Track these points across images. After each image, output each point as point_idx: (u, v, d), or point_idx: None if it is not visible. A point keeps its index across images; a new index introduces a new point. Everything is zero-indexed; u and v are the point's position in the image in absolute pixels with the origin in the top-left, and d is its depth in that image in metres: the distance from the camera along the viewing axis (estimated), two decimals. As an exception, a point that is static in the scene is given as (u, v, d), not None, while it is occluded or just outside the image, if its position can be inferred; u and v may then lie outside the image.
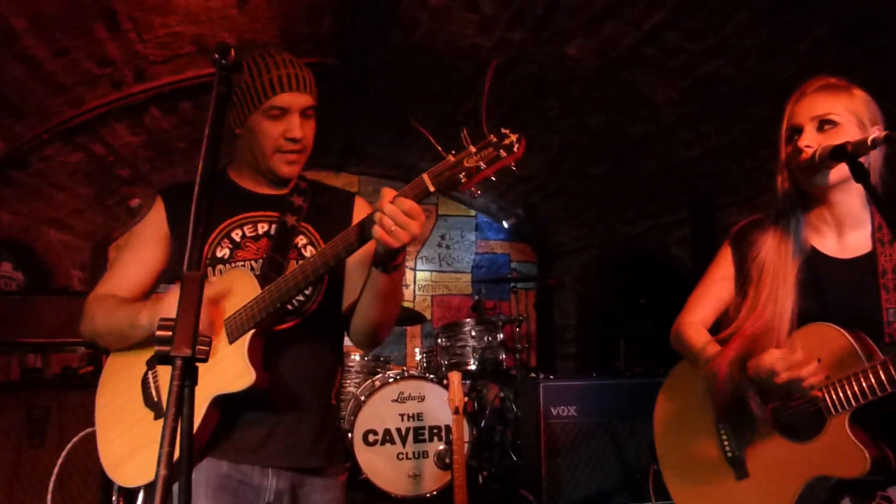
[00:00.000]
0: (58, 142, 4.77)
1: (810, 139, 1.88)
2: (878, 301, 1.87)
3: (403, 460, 4.89)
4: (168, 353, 1.08)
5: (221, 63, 1.36)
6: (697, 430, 2.16)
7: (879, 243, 1.93)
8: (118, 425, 1.88)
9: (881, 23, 3.05)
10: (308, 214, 2.05)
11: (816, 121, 1.89)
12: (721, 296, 2.17)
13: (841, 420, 1.79)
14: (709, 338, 2.10)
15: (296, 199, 2.07)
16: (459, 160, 1.59)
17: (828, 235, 2.01)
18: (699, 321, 2.17)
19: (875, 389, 1.73)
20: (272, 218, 2.02)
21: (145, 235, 2.03)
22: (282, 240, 1.97)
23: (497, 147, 1.58)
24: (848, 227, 1.98)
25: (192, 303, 1.11)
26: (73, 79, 4.20)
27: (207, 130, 1.28)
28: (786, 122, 1.97)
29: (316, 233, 2.05)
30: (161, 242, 2.00)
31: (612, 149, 5.34)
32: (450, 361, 5.60)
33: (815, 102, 1.92)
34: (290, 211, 2.04)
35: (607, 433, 4.42)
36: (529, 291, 7.95)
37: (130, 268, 2.02)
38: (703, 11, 3.45)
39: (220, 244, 1.96)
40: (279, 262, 1.92)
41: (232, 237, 1.98)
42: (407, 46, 4.59)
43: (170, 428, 1.01)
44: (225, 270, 1.93)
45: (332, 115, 5.95)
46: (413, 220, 1.63)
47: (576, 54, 4.23)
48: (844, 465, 1.78)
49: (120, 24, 3.79)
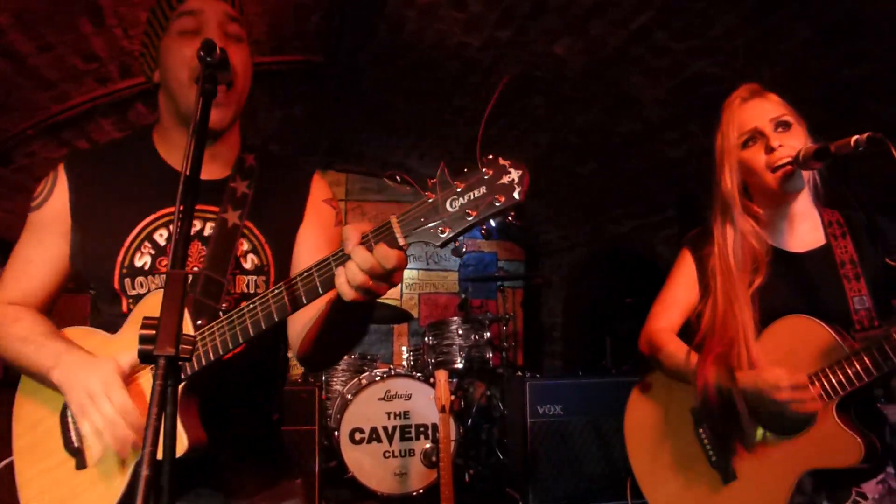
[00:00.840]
0: (43, 137, 4.73)
1: (779, 139, 1.91)
2: (842, 291, 1.92)
3: (390, 458, 4.89)
4: (151, 351, 1.07)
5: (207, 60, 1.33)
6: (676, 437, 2.14)
7: (832, 237, 2.00)
8: (36, 464, 1.57)
9: (863, 25, 3.07)
10: (253, 207, 1.65)
11: (773, 122, 1.95)
12: (688, 299, 2.17)
13: (829, 410, 1.81)
14: (687, 348, 2.09)
15: (238, 183, 1.65)
16: (440, 203, 1.20)
17: (781, 230, 2.05)
18: (668, 328, 2.17)
19: (861, 375, 1.76)
20: (207, 214, 1.61)
21: (48, 225, 1.63)
22: (221, 249, 1.58)
23: (491, 187, 1.17)
24: (798, 222, 2.04)
25: (176, 301, 1.11)
26: (59, 74, 4.17)
27: (192, 127, 1.27)
28: (736, 128, 1.99)
29: (261, 235, 1.65)
30: (65, 231, 1.62)
31: (600, 148, 5.35)
32: (436, 360, 5.60)
33: (764, 106, 1.99)
34: (231, 202, 1.62)
35: (593, 432, 4.44)
36: (516, 290, 7.97)
37: (35, 267, 1.65)
38: (689, 12, 3.46)
39: (139, 249, 1.57)
40: (218, 284, 1.55)
41: (154, 239, 1.59)
42: (394, 44, 4.59)
43: (152, 428, 1.01)
44: (147, 284, 1.56)
45: (320, 112, 5.94)
46: (396, 275, 1.26)
47: (563, 53, 4.24)
48: (839, 455, 1.79)
49: (105, 20, 3.76)
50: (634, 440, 2.28)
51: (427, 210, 1.21)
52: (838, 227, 2.02)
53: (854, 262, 1.95)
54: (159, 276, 1.56)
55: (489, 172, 1.18)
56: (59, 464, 1.53)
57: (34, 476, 1.56)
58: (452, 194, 1.19)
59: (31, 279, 1.64)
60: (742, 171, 2.00)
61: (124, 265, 1.57)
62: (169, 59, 1.55)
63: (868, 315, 1.88)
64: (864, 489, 1.89)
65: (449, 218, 1.19)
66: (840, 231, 2.01)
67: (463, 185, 1.19)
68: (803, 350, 1.86)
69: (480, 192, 1.17)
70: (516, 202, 1.16)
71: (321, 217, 1.74)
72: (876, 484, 1.90)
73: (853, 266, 1.94)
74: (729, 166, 1.99)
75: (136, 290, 1.57)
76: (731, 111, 2.02)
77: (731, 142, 1.99)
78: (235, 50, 1.55)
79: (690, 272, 2.16)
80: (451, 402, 3.79)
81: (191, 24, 1.54)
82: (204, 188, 1.48)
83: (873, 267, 1.95)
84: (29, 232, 1.66)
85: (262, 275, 1.64)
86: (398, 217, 1.23)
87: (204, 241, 1.60)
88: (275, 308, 1.34)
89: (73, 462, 1.52)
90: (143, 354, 1.08)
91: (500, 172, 1.17)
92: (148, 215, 1.59)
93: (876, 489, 1.90)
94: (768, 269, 1.97)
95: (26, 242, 1.66)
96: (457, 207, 1.18)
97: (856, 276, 1.92)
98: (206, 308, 1.50)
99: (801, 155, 1.85)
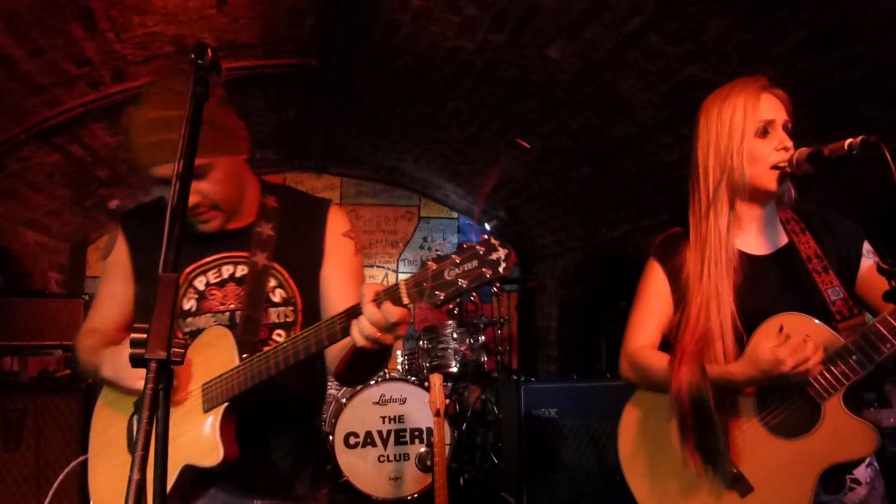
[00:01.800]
0: (35, 142, 4.71)
1: (786, 141, 1.90)
2: (815, 285, 1.91)
3: (384, 463, 4.88)
4: (142, 355, 1.07)
5: (198, 63, 1.34)
6: (675, 460, 1.97)
7: (793, 234, 2.00)
8: (105, 461, 1.85)
9: (856, 28, 3.08)
10: (277, 248, 1.90)
11: (783, 122, 1.92)
12: (661, 312, 2.09)
13: (835, 402, 1.78)
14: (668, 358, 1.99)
15: (263, 227, 1.91)
16: (440, 271, 1.43)
17: (751, 234, 2.03)
18: (648, 345, 2.09)
19: (864, 363, 1.74)
20: (238, 259, 1.89)
21: (114, 270, 1.96)
22: (254, 289, 1.85)
23: (482, 261, 1.41)
24: (766, 225, 2.02)
25: (168, 305, 1.10)
26: (50, 79, 4.16)
27: (185, 132, 1.27)
28: (757, 112, 1.91)
29: (285, 272, 1.91)
30: (129, 277, 1.93)
31: (593, 152, 5.36)
32: (431, 364, 5.60)
33: (780, 104, 1.95)
34: (258, 246, 1.89)
35: (588, 435, 4.44)
36: (511, 294, 7.97)
37: (106, 304, 1.97)
38: (682, 16, 3.47)
39: (185, 296, 1.86)
40: (255, 321, 1.82)
41: (195, 286, 1.87)
42: (388, 48, 4.59)
43: (143, 432, 1.00)
44: (195, 322, 1.85)
45: (314, 116, 5.93)
46: (400, 328, 1.49)
47: (557, 57, 4.25)
48: (855, 446, 1.76)
49: (97, 24, 3.76)
50: (634, 465, 2.12)
51: (428, 276, 1.44)
52: (796, 223, 2.01)
53: (819, 256, 1.94)
54: (203, 315, 1.84)
55: (481, 249, 1.42)
56: (123, 463, 1.79)
57: (102, 473, 1.83)
58: (450, 265, 1.43)
59: (102, 316, 1.97)
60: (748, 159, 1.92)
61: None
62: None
63: (845, 304, 1.88)
64: (856, 475, 1.88)
65: (445, 283, 1.42)
66: (799, 227, 2.00)
67: (459, 259, 1.43)
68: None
69: (472, 265, 1.41)
70: (500, 276, 1.41)
71: (341, 252, 1.96)
72: (865, 468, 1.90)
73: (819, 259, 1.93)
74: (745, 150, 1.90)
75: (186, 328, 1.86)
76: (752, 93, 1.92)
77: (750, 125, 1.90)
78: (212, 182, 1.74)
79: (662, 283, 2.08)
80: (445, 405, 3.79)
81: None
82: (232, 236, 1.86)
83: (836, 258, 1.95)
84: (104, 277, 2.01)
85: (289, 305, 1.89)
86: (405, 280, 1.46)
87: (237, 282, 1.86)
88: (303, 348, 1.59)
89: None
90: (134, 358, 1.08)
91: (490, 250, 1.41)
92: (189, 265, 1.86)
93: (866, 473, 1.89)
94: (738, 274, 1.93)
95: (102, 283, 2.00)
96: (452, 276, 1.42)
97: (824, 269, 1.92)
98: (247, 342, 1.76)
99: (795, 159, 1.85)
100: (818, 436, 1.81)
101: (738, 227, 2.00)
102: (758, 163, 1.91)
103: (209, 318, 1.84)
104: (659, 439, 2.07)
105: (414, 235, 7.98)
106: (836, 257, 1.96)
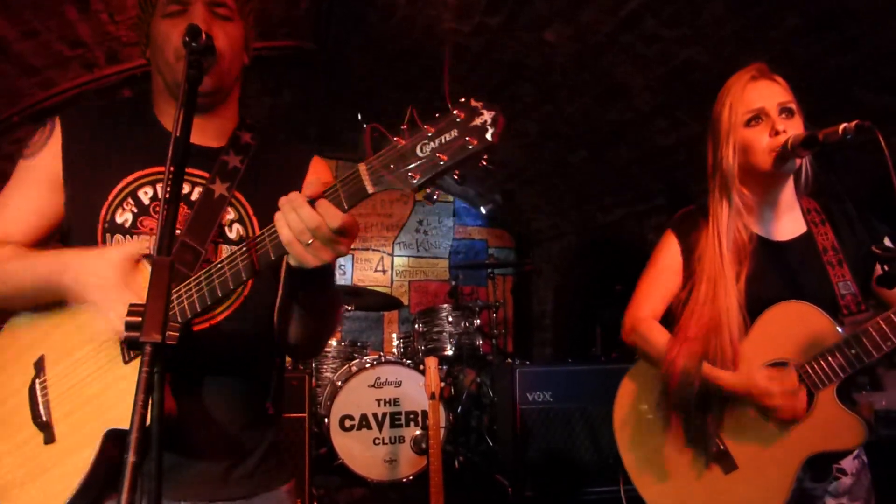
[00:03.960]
0: (28, 124, 4.68)
1: (783, 124, 1.91)
2: (827, 277, 1.94)
3: (380, 445, 4.90)
4: (137, 338, 1.07)
5: (192, 46, 1.33)
6: (667, 429, 2.07)
7: (812, 224, 2.02)
8: (4, 441, 1.52)
9: (852, 13, 3.08)
10: (244, 179, 1.62)
11: (779, 107, 1.94)
12: (669, 286, 2.13)
13: (829, 393, 1.82)
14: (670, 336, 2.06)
15: (231, 157, 1.63)
16: (411, 147, 1.17)
17: (767, 219, 2.05)
18: (651, 315, 2.14)
19: (862, 357, 1.77)
20: (197, 179, 1.59)
21: (36, 173, 1.59)
22: (203, 216, 1.54)
23: (463, 129, 1.14)
24: (783, 210, 2.04)
25: (162, 288, 1.10)
26: (44, 60, 4.13)
27: (178, 115, 1.26)
28: (743, 105, 1.96)
29: (249, 206, 1.62)
30: (56, 182, 1.57)
31: (590, 136, 5.35)
32: (427, 347, 5.61)
33: (773, 88, 1.97)
34: (220, 174, 1.59)
35: (582, 419, 4.46)
36: (507, 277, 7.99)
37: (10, 212, 1.57)
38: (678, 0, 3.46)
39: (121, 205, 1.53)
40: (194, 252, 1.50)
41: (138, 197, 1.55)
42: (384, 31, 4.56)
43: (139, 415, 1.01)
44: (124, 242, 1.52)
45: (310, 99, 5.91)
46: (342, 239, 1.23)
47: (553, 40, 4.23)
48: (842, 438, 1.81)
49: (91, 5, 3.73)
50: (625, 433, 2.22)
51: (397, 156, 1.18)
52: (817, 214, 2.04)
53: (836, 249, 1.96)
54: (138, 237, 1.52)
55: (461, 115, 1.15)
56: (28, 439, 1.50)
57: (6, 452, 1.51)
58: (423, 139, 1.16)
59: (17, 222, 1.57)
60: (741, 149, 1.97)
61: (106, 220, 1.53)
62: (157, 38, 1.56)
63: (854, 300, 1.90)
64: (843, 465, 1.92)
65: (420, 163, 1.16)
66: (819, 218, 2.02)
67: (433, 129, 1.16)
68: (800, 335, 1.87)
69: (452, 136, 1.14)
70: (489, 144, 1.13)
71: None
72: (853, 459, 1.93)
73: (835, 252, 1.96)
74: (733, 142, 1.96)
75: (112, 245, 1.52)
76: (739, 87, 1.98)
77: (737, 117, 1.96)
78: (222, 29, 1.54)
79: (675, 258, 2.13)
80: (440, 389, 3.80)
81: (176, 7, 1.54)
82: (195, 152, 1.50)
83: (853, 252, 1.97)
84: (15, 178, 1.61)
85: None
86: (367, 164, 1.20)
87: (190, 204, 1.56)
88: (239, 269, 1.31)
89: (41, 437, 1.48)
90: (130, 341, 1.08)
91: (473, 114, 1.14)
92: (135, 171, 1.56)
93: (853, 465, 1.93)
94: (753, 258, 1.96)
95: (10, 188, 1.60)
96: (427, 152, 1.16)
97: (839, 262, 1.94)
98: (178, 275, 1.41)
99: (790, 143, 1.85)
100: (807, 424, 1.85)
101: (753, 212, 2.03)
102: (753, 149, 1.94)
103: (144, 240, 1.51)
104: (648, 411, 2.16)
105: (409, 219, 7.96)
106: (855, 252, 1.98)
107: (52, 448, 1.47)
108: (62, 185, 1.57)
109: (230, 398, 1.56)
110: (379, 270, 7.76)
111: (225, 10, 1.57)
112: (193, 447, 1.49)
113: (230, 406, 1.56)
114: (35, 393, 1.51)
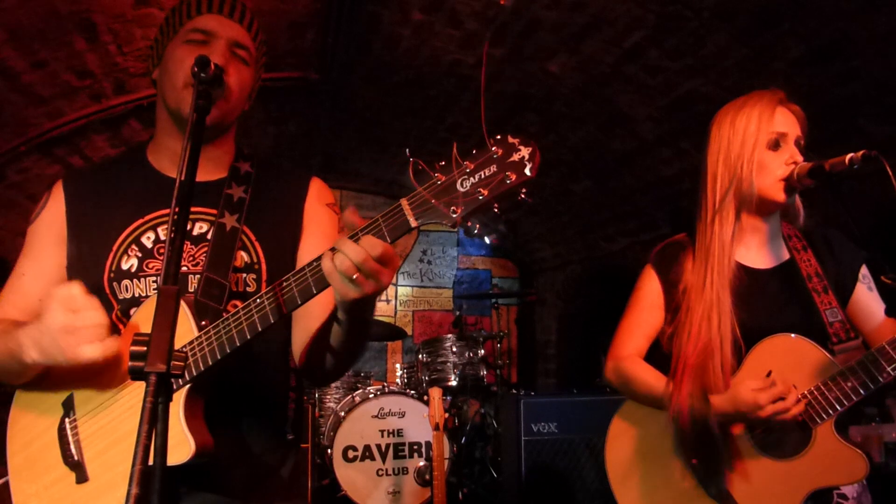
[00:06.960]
0: (35, 154, 4.71)
1: (797, 156, 1.90)
2: (813, 305, 1.91)
3: (383, 476, 4.85)
4: (142, 368, 1.06)
5: (201, 76, 1.35)
6: (663, 469, 2.01)
7: (795, 251, 2.00)
8: (34, 481, 1.52)
9: (855, 44, 3.09)
10: (249, 211, 1.63)
11: (795, 137, 1.92)
12: (652, 322, 2.10)
13: (827, 428, 1.79)
14: (659, 374, 2.02)
15: (234, 189, 1.64)
16: (451, 183, 1.20)
17: (752, 247, 2.03)
18: (635, 353, 2.10)
19: (858, 390, 1.74)
20: (198, 215, 1.60)
21: (42, 237, 1.64)
22: (221, 251, 1.55)
23: (502, 165, 1.18)
24: (769, 239, 2.02)
25: (168, 318, 1.10)
26: (52, 90, 4.17)
27: (187, 143, 1.27)
28: (771, 123, 1.91)
29: (252, 236, 1.63)
30: (61, 238, 1.62)
31: (593, 165, 5.37)
32: (430, 377, 5.58)
33: (794, 119, 1.95)
34: (227, 207, 1.61)
35: (588, 450, 4.41)
36: (510, 307, 7.96)
37: (28, 280, 1.62)
38: (682, 31, 3.49)
39: (126, 253, 1.56)
40: (220, 286, 1.52)
41: (142, 242, 1.58)
42: (389, 62, 4.60)
43: (143, 446, 0.99)
44: (132, 288, 1.55)
45: (314, 129, 5.94)
46: (385, 269, 1.23)
47: (557, 71, 4.26)
48: (844, 472, 1.76)
49: (99, 36, 3.77)
50: (618, 475, 2.13)
51: (438, 191, 1.20)
52: (798, 240, 2.02)
53: (820, 275, 1.94)
54: (145, 279, 1.55)
55: (499, 151, 1.19)
56: (59, 479, 1.50)
57: (33, 494, 1.52)
58: (463, 174, 1.19)
59: (24, 294, 1.62)
60: (757, 170, 1.91)
61: (112, 269, 1.56)
62: (170, 62, 1.59)
63: (843, 327, 1.88)
64: (843, 490, 1.88)
65: (461, 197, 1.19)
66: (801, 244, 2.00)
67: (473, 165, 1.19)
68: (793, 369, 1.83)
69: (491, 171, 1.18)
70: (528, 178, 1.18)
71: (322, 223, 1.73)
72: (853, 483, 1.89)
73: (819, 279, 1.93)
74: (756, 160, 1.90)
75: (123, 293, 1.56)
76: (766, 105, 1.92)
77: (763, 136, 1.90)
78: (236, 70, 1.60)
79: (656, 294, 2.09)
80: (444, 419, 3.78)
81: (200, 36, 1.59)
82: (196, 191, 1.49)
83: (835, 279, 1.95)
84: (26, 246, 1.67)
85: (251, 272, 1.61)
86: (409, 199, 1.23)
87: (193, 240, 1.59)
88: (278, 305, 1.33)
89: (73, 476, 1.48)
90: (134, 371, 1.07)
91: (510, 151, 1.18)
92: (136, 219, 1.60)
93: (854, 489, 1.89)
94: (736, 287, 1.93)
95: (22, 257, 1.66)
96: (468, 187, 1.19)
97: (824, 289, 1.92)
98: (209, 310, 1.49)
99: (796, 173, 1.85)
100: (808, 460, 1.82)
101: (740, 240, 2.00)
102: (767, 174, 1.91)
103: (152, 281, 1.54)
104: (647, 451, 2.08)
105: (413, 248, 7.96)
106: (835, 278, 1.96)
107: (84, 487, 1.47)
108: (67, 239, 1.62)
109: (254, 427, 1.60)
110: (382, 300, 7.74)
111: (244, 54, 1.63)
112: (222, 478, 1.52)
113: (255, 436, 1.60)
114: (65, 432, 1.51)
